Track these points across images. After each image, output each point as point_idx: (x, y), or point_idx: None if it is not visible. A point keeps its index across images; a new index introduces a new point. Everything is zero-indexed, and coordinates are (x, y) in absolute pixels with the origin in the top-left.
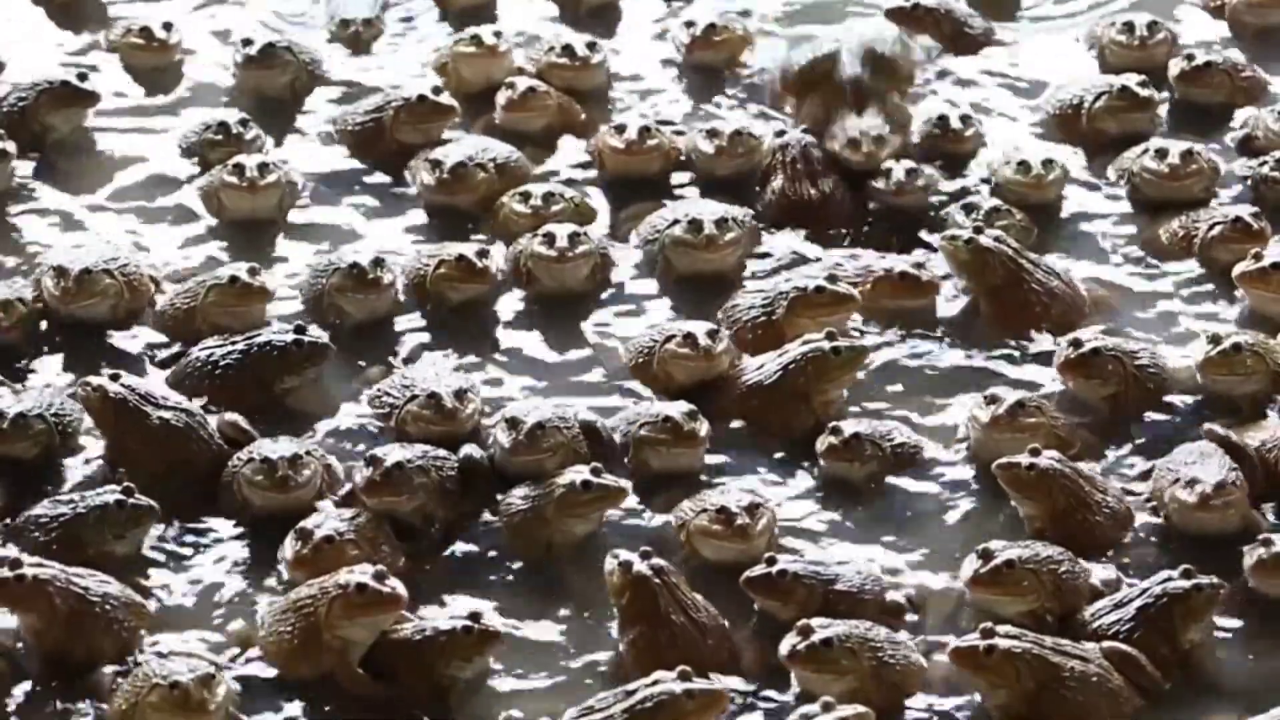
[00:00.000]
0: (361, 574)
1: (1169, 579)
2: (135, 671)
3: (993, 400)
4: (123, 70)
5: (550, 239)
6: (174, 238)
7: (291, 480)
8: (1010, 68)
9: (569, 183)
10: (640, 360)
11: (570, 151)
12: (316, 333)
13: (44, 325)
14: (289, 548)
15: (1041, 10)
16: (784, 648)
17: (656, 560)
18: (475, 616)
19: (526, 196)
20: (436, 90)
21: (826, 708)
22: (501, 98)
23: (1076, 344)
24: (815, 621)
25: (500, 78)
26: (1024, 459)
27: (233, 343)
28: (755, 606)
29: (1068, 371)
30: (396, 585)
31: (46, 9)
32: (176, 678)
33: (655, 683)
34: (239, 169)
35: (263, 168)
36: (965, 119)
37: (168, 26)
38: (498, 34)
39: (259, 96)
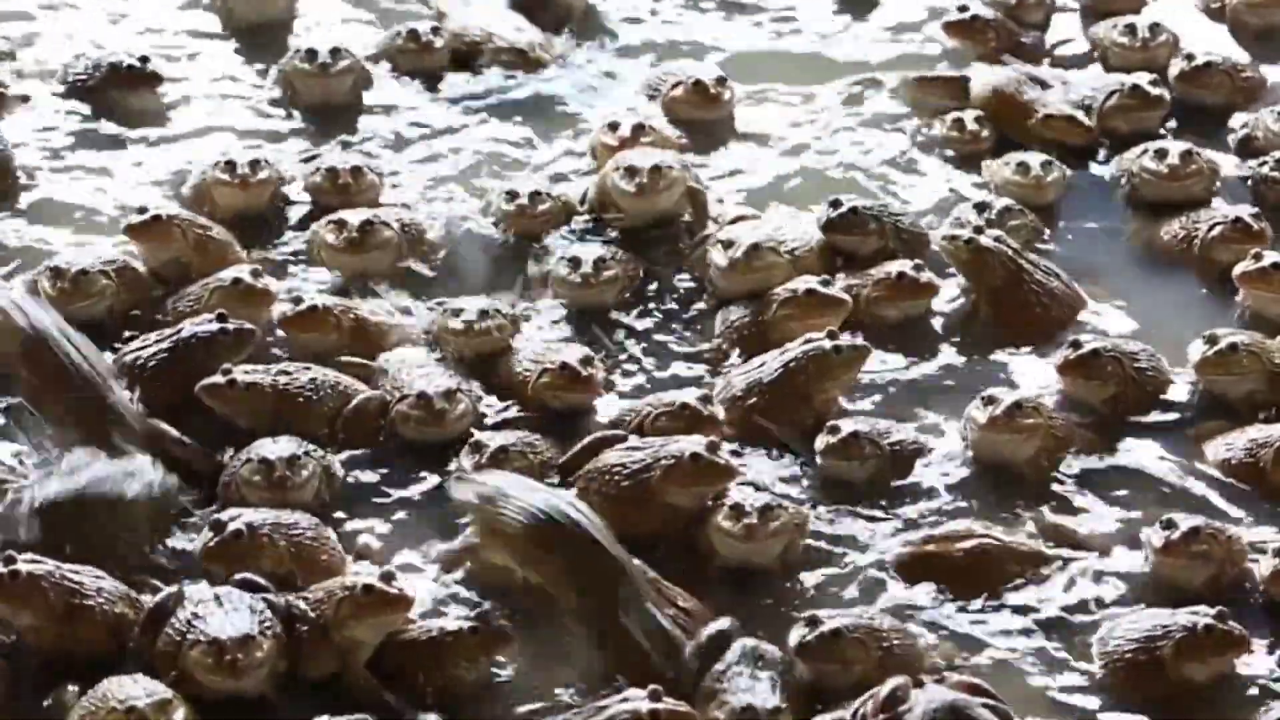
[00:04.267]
0: (368, 575)
1: None
2: (92, 692)
3: (990, 401)
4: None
5: (575, 263)
6: None
7: (289, 481)
8: None
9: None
10: None
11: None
12: (238, 320)
13: None
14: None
15: None
16: (793, 639)
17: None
18: (482, 617)
19: (514, 195)
20: None
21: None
22: None
23: (1076, 345)
24: (822, 612)
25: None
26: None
27: (158, 340)
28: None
29: (1067, 372)
30: (404, 586)
31: None
32: (133, 703)
33: (625, 700)
34: (230, 166)
35: (254, 164)
36: (979, 119)
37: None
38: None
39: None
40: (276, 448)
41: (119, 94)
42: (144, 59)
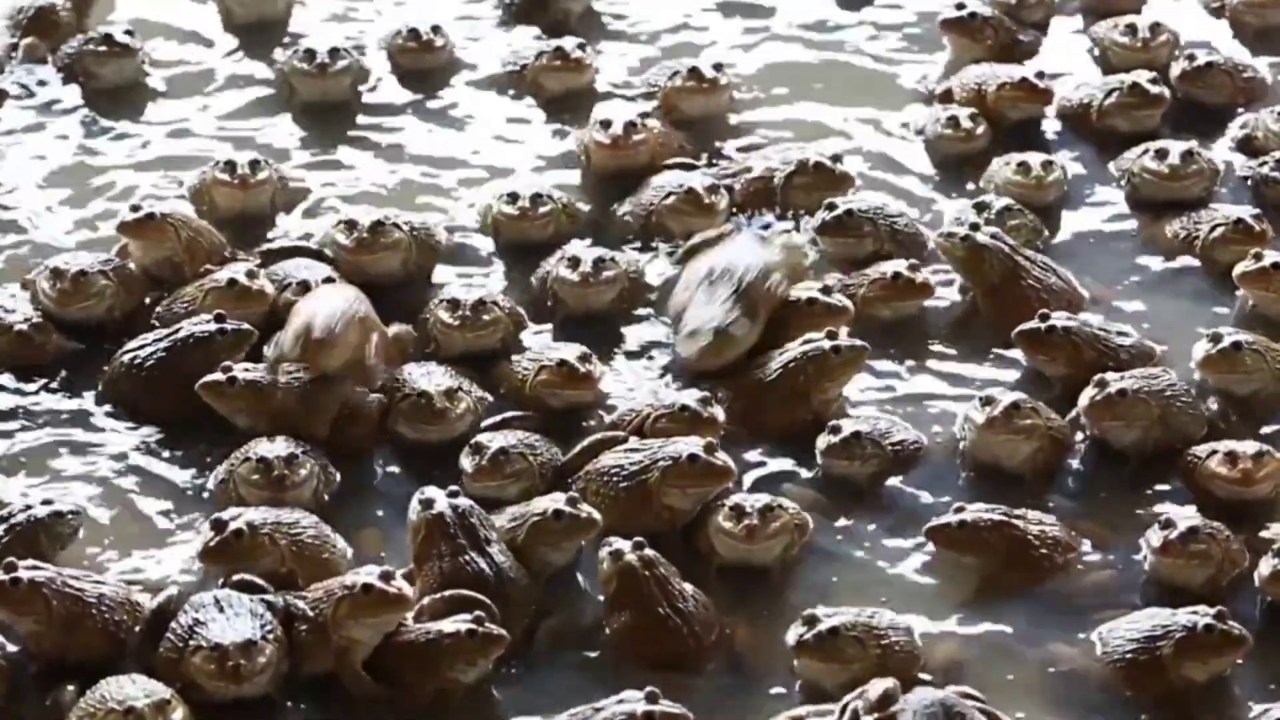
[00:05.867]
0: (368, 574)
1: None
2: (90, 693)
3: (988, 402)
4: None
5: (575, 263)
6: None
7: (288, 480)
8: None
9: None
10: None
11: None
12: (236, 320)
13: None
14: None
15: None
16: (791, 638)
17: (648, 551)
18: (479, 620)
19: (515, 198)
20: None
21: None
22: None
23: (1044, 318)
24: (820, 610)
25: (584, 87)
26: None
27: (155, 341)
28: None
29: (1022, 341)
30: (402, 586)
31: None
32: (132, 703)
33: (621, 701)
34: (230, 166)
35: (254, 165)
36: (974, 117)
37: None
38: (581, 46)
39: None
40: (274, 447)
41: (97, 64)
42: (129, 31)
